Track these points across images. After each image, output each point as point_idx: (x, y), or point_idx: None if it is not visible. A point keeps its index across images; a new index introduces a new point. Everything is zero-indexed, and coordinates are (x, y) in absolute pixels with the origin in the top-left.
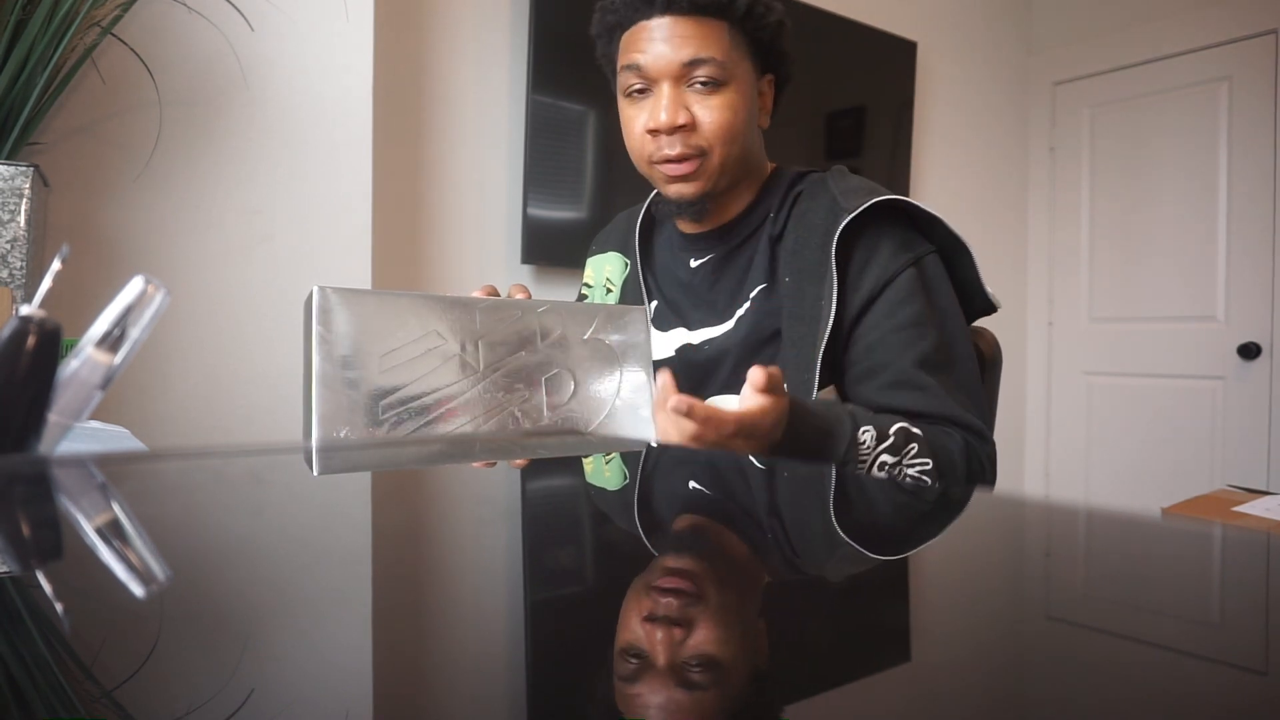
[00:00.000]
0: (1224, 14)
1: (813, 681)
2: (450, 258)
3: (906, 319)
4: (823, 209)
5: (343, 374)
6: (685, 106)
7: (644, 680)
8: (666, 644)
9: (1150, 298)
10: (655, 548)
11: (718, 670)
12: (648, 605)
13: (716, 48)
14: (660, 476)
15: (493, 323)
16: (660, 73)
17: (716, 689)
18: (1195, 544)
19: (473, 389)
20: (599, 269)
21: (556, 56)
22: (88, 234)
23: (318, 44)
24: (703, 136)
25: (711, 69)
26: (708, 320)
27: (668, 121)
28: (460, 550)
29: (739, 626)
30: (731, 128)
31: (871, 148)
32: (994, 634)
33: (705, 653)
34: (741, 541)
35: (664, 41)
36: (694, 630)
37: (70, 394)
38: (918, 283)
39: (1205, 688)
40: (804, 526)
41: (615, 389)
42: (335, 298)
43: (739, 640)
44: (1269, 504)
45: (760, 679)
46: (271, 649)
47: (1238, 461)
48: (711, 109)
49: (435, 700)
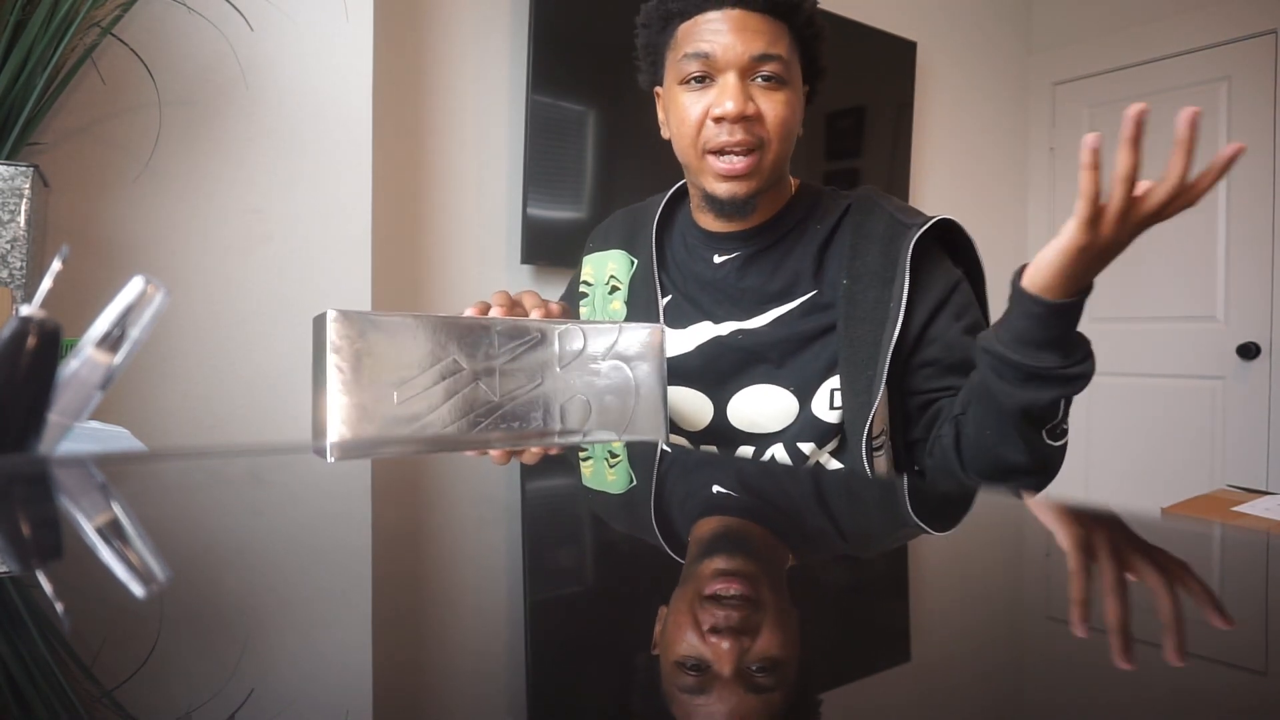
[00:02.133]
0: (1224, 14)
1: (812, 681)
2: (450, 257)
3: (971, 323)
4: (881, 223)
5: (357, 402)
6: (752, 97)
7: (701, 688)
8: (731, 653)
9: (1150, 298)
10: (670, 548)
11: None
12: (684, 611)
13: (783, 46)
14: (672, 479)
15: (510, 348)
16: (729, 63)
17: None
18: (1195, 544)
19: (489, 418)
20: (600, 267)
21: (556, 56)
22: (88, 234)
23: (318, 44)
24: (765, 129)
25: (777, 66)
26: (734, 314)
27: (736, 110)
28: (461, 547)
29: (742, 625)
30: (790, 125)
31: (871, 148)
32: (994, 634)
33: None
34: (741, 541)
35: (734, 33)
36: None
37: (70, 394)
38: (970, 295)
39: (1205, 688)
40: (801, 526)
41: (630, 410)
42: (349, 323)
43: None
44: (1269, 504)
45: (762, 678)
46: (271, 649)
47: (1237, 461)
48: (775, 104)
49: (438, 701)
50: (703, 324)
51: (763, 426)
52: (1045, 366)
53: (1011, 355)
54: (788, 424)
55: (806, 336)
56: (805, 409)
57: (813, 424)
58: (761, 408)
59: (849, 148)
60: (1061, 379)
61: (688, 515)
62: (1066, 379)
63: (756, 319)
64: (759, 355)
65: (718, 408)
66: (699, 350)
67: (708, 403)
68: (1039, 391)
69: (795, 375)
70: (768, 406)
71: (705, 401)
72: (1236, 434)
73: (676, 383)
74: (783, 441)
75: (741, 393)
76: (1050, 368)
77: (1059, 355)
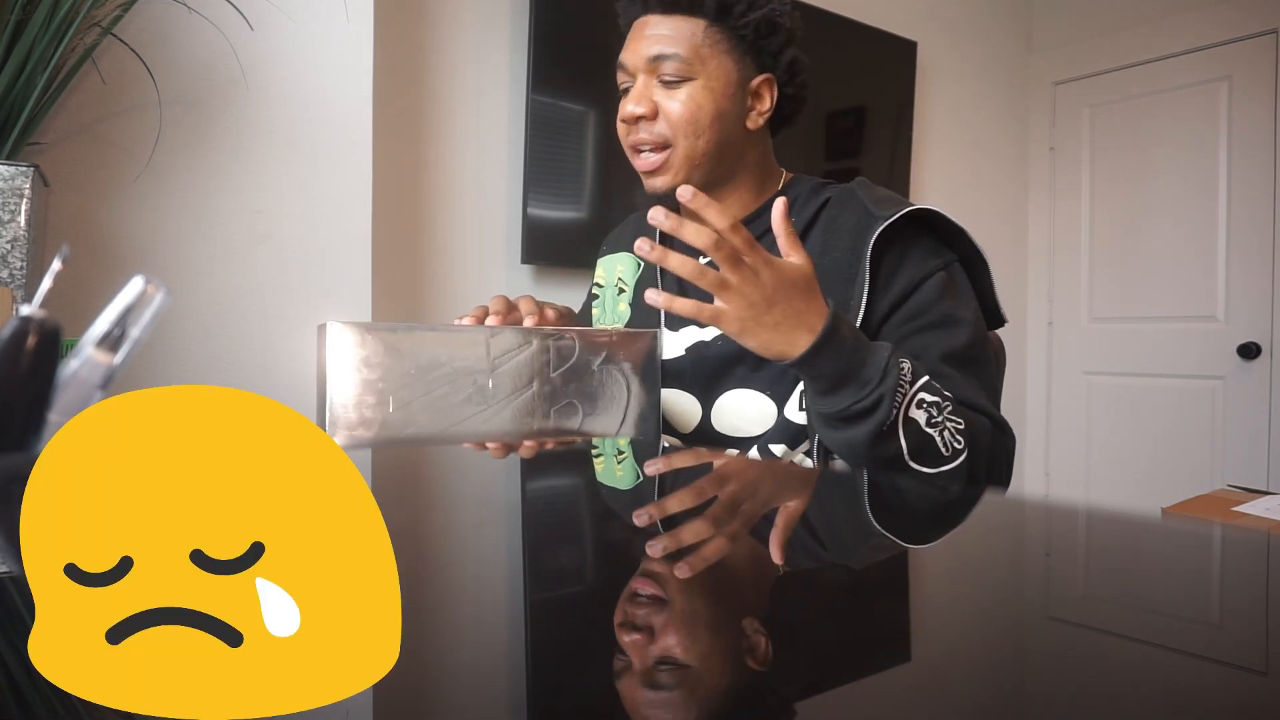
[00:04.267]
0: (1224, 14)
1: (812, 681)
2: (450, 257)
3: (935, 318)
4: (853, 216)
5: (357, 414)
6: (649, 97)
7: (628, 677)
8: (639, 648)
9: (1150, 298)
10: (654, 546)
11: (709, 669)
12: (629, 610)
13: (682, 44)
14: (664, 478)
15: (505, 355)
16: (635, 68)
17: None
18: (1195, 544)
19: (484, 426)
20: (610, 269)
21: (556, 56)
22: (88, 234)
23: (318, 44)
24: (666, 126)
25: (675, 64)
26: None
27: (631, 111)
28: (458, 547)
29: (740, 625)
30: (695, 120)
31: (871, 148)
32: (994, 634)
33: (673, 655)
34: (743, 540)
35: (638, 39)
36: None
37: (70, 394)
38: (947, 286)
39: (1205, 688)
40: (805, 525)
41: (622, 416)
42: (348, 334)
43: (740, 639)
44: (1269, 504)
45: (761, 679)
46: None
47: (1238, 461)
48: (674, 100)
49: (438, 700)
50: (691, 326)
51: (744, 430)
52: (840, 409)
53: (814, 407)
54: (767, 427)
55: None
56: (781, 413)
57: (785, 427)
58: (743, 411)
59: (849, 147)
60: (862, 412)
61: (681, 511)
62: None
63: None
64: (737, 358)
65: (705, 411)
66: (689, 353)
67: (696, 405)
68: (854, 430)
69: (770, 379)
70: (748, 410)
71: (694, 404)
72: (1237, 434)
73: (670, 385)
74: (758, 445)
75: (724, 396)
76: (845, 408)
77: (852, 392)
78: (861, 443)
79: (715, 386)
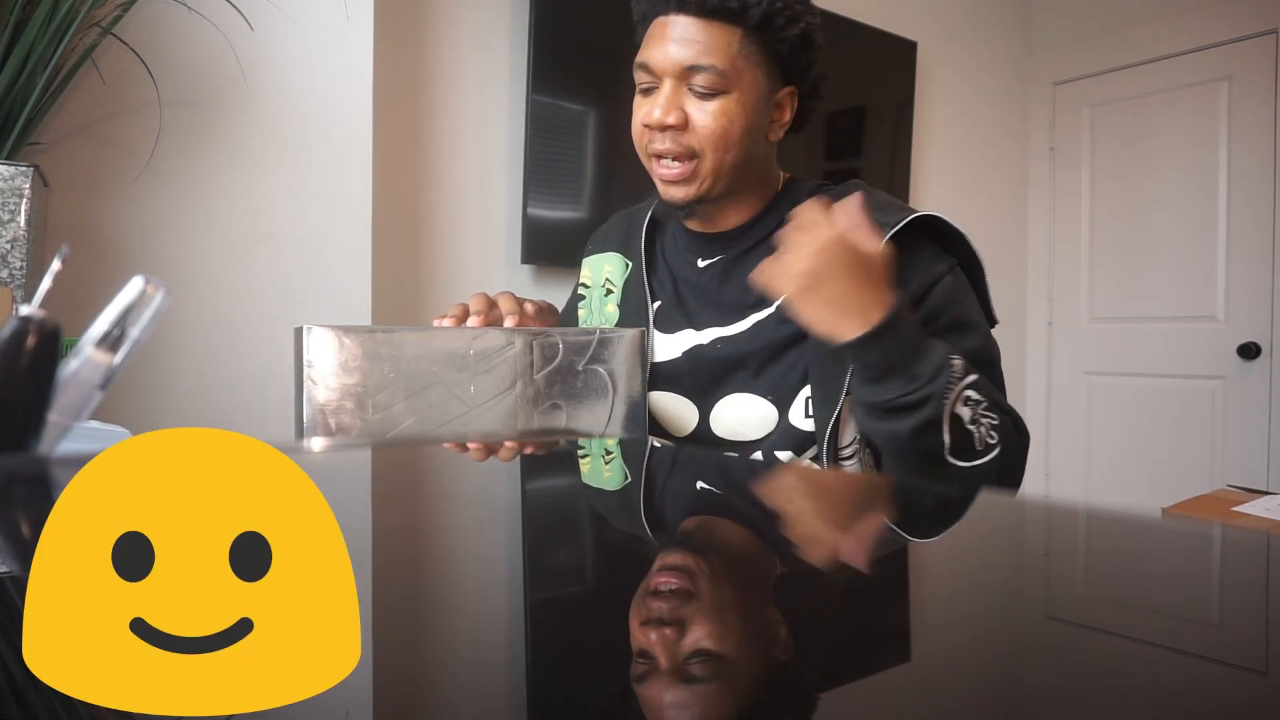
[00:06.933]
0: (1224, 14)
1: (811, 681)
2: (450, 257)
3: (948, 322)
4: None
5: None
6: (680, 106)
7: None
8: (663, 643)
9: (1150, 298)
10: (658, 545)
11: (718, 666)
12: (647, 609)
13: (720, 55)
14: (658, 476)
15: (488, 356)
16: (664, 71)
17: (718, 684)
18: (1195, 544)
19: (467, 427)
20: (598, 269)
21: (556, 57)
22: (88, 234)
23: (318, 44)
24: (695, 138)
25: (710, 77)
26: (715, 320)
27: (659, 119)
28: (454, 545)
29: (739, 624)
30: (726, 135)
31: (871, 148)
32: (994, 633)
33: (703, 649)
34: (741, 539)
35: (672, 41)
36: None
37: (70, 394)
38: (956, 289)
39: (1205, 688)
40: (804, 525)
41: (607, 416)
42: (323, 337)
43: (741, 638)
44: (1269, 504)
45: (762, 678)
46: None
47: (1238, 461)
48: (706, 113)
49: (438, 699)
50: (686, 330)
51: (744, 435)
52: (886, 399)
53: (860, 393)
54: (767, 433)
55: (782, 344)
56: (784, 418)
57: (790, 433)
58: (743, 416)
59: (849, 148)
60: (907, 406)
61: (677, 512)
62: (913, 405)
63: (737, 325)
64: (738, 363)
65: (702, 415)
66: (685, 357)
67: (693, 410)
68: (897, 422)
69: (773, 384)
70: (748, 415)
71: (691, 408)
72: (1237, 434)
73: (665, 389)
74: (761, 450)
75: (723, 401)
76: (891, 399)
77: (900, 385)
78: (904, 435)
79: (713, 391)
